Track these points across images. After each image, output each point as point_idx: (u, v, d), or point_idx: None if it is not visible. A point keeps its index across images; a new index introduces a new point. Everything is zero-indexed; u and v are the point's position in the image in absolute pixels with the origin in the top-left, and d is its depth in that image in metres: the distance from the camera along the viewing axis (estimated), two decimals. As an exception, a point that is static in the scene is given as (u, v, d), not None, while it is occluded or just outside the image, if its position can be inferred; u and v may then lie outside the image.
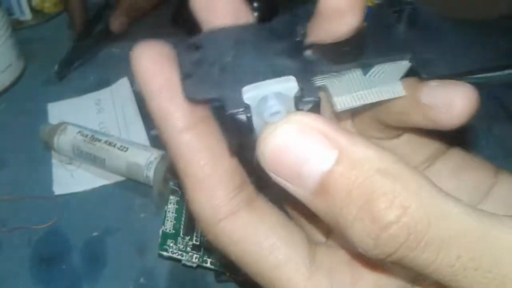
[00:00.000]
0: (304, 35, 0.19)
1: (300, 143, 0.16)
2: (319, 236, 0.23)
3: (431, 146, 0.24)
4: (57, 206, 0.43)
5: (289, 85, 0.17)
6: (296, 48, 0.19)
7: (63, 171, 0.46)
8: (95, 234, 0.41)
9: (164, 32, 0.58)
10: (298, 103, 0.17)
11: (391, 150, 0.19)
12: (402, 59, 0.20)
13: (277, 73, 0.18)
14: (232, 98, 0.18)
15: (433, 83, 0.20)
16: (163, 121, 0.19)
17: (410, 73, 0.21)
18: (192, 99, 0.19)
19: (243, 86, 0.17)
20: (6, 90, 0.55)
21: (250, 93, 0.17)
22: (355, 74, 0.20)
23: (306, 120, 0.16)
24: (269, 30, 0.20)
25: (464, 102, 0.19)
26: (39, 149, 0.48)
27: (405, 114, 0.21)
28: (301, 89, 0.17)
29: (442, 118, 0.20)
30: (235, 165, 0.20)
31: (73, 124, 0.46)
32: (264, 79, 0.18)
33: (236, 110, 0.17)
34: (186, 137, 0.19)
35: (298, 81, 0.18)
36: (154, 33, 0.50)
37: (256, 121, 0.18)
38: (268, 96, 0.17)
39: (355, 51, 0.20)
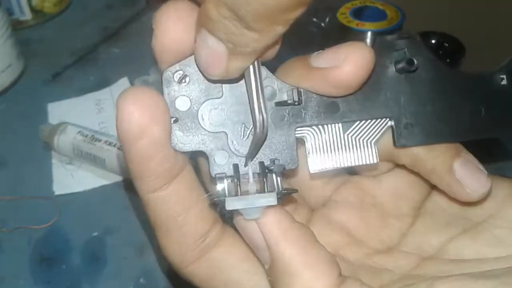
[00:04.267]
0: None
1: (254, 237, 0.20)
2: None
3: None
4: (57, 206, 0.43)
5: (269, 200, 0.19)
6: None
7: (63, 171, 0.46)
8: (95, 234, 0.41)
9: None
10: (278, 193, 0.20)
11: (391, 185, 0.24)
12: (382, 121, 0.21)
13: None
14: (217, 157, 0.20)
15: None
16: (138, 180, 0.20)
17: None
18: (178, 151, 0.20)
19: (228, 138, 0.20)
20: (6, 90, 0.55)
21: (233, 204, 0.19)
22: (336, 130, 0.21)
23: (263, 221, 0.20)
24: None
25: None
26: (39, 149, 0.48)
27: None
28: (279, 198, 0.19)
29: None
30: (205, 211, 0.21)
31: (73, 124, 0.46)
32: (248, 128, 0.20)
33: (220, 173, 0.20)
34: (160, 194, 0.20)
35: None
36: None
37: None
38: (248, 209, 0.19)
39: (341, 104, 0.21)
